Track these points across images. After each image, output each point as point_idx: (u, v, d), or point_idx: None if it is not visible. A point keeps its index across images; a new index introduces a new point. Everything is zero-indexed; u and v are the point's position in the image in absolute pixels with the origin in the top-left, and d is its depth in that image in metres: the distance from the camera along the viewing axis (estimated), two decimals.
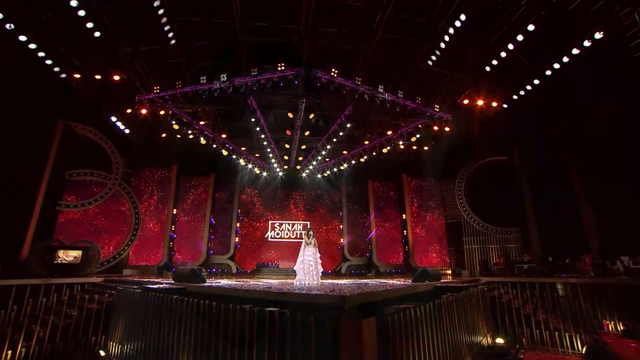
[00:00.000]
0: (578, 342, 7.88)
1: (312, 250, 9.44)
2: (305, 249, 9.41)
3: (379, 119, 18.08)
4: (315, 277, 9.19)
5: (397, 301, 5.78)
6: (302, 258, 9.31)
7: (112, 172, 15.05)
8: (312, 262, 9.23)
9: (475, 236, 16.64)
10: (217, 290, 6.83)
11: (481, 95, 15.59)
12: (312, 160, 19.07)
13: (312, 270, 9.18)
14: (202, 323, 5.24)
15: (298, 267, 9.29)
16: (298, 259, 9.40)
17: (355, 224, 20.75)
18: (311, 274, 9.12)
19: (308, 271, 9.16)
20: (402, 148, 19.69)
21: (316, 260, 9.33)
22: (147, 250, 17.58)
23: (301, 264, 9.27)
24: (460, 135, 17.86)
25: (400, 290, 6.32)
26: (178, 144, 19.02)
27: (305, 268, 9.19)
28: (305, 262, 9.22)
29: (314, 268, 9.21)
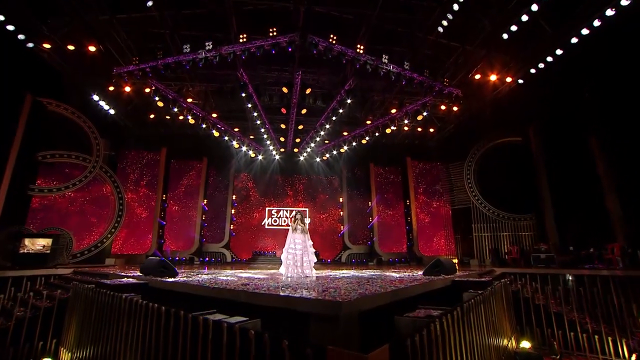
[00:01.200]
0: (624, 347, 6.49)
1: (300, 238, 8.01)
2: (294, 237, 7.98)
3: (381, 97, 16.50)
4: (305, 270, 7.81)
5: (411, 303, 4.37)
6: (288, 246, 7.89)
7: (93, 154, 13.58)
8: (298, 251, 7.80)
9: (485, 223, 15.20)
10: (182, 288, 5.44)
11: (494, 69, 13.95)
12: (310, 142, 17.58)
13: (299, 261, 7.76)
14: (150, 331, 3.86)
15: (283, 256, 7.90)
16: (285, 246, 8.00)
17: (356, 210, 19.45)
18: (297, 267, 7.71)
19: (295, 262, 7.77)
20: (406, 130, 18.29)
21: (306, 250, 7.90)
22: (135, 238, 16.29)
23: (286, 253, 7.87)
24: (469, 114, 16.33)
25: (414, 289, 4.89)
26: (167, 125, 17.61)
27: (291, 259, 7.79)
28: (291, 251, 7.81)
29: (303, 259, 7.79)
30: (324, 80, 15.57)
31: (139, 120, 17.11)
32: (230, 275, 8.02)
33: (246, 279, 6.33)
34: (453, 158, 16.99)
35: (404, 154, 19.09)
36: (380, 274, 8.56)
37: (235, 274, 8.12)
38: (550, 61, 12.14)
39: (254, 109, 14.68)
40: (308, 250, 8.03)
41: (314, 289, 4.76)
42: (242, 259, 18.38)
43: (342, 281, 6.17)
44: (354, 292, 4.25)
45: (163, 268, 6.80)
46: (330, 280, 6.37)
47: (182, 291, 5.41)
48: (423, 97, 14.91)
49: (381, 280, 6.36)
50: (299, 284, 5.75)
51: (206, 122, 15.64)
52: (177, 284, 5.61)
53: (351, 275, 8.24)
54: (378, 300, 4.00)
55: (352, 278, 7.12)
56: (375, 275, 8.08)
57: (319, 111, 16.45)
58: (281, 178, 20.09)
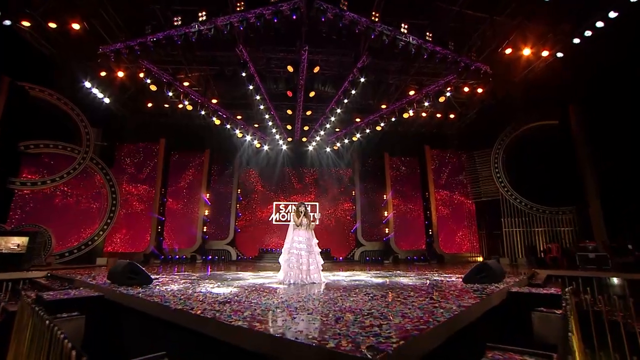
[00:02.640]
0: None
1: (303, 235, 6.36)
2: (294, 233, 6.36)
3: (397, 80, 14.74)
4: (312, 274, 6.20)
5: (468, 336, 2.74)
6: (289, 245, 6.30)
7: (82, 144, 12.23)
8: (303, 251, 6.21)
9: (516, 217, 13.36)
10: (139, 305, 3.90)
11: (528, 42, 12.03)
12: (320, 130, 15.94)
13: (304, 264, 6.16)
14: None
15: (283, 259, 6.31)
16: (284, 246, 6.37)
17: (370, 204, 17.85)
18: (302, 271, 6.12)
19: (299, 266, 6.15)
20: (424, 116, 16.52)
21: (311, 250, 6.32)
22: (132, 235, 15.00)
23: (287, 254, 6.26)
24: (496, 96, 14.42)
25: (470, 313, 3.23)
26: (167, 115, 16.23)
27: (295, 261, 6.17)
28: (293, 251, 6.21)
29: (308, 260, 6.22)
30: (333, 60, 13.90)
31: (137, 110, 15.78)
32: (220, 282, 6.47)
33: (230, 294, 4.75)
34: (477, 146, 15.16)
35: (422, 143, 17.32)
36: (406, 280, 6.89)
37: (228, 278, 6.60)
38: (601, 27, 10.20)
39: (256, 91, 13.11)
40: (314, 249, 6.41)
41: (321, 314, 3.15)
42: (248, 257, 17.13)
43: (361, 295, 4.54)
44: (385, 325, 2.62)
45: (132, 274, 5.29)
46: (344, 293, 4.75)
47: (142, 310, 3.87)
48: (445, 77, 13.06)
49: (415, 292, 4.70)
50: (301, 299, 4.15)
51: (206, 108, 14.15)
52: (135, 298, 4.08)
53: (370, 281, 6.59)
54: (428, 340, 2.37)
55: (373, 287, 5.49)
56: (401, 282, 6.41)
57: (329, 98, 14.85)
58: (289, 170, 18.59)
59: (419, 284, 5.91)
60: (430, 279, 6.90)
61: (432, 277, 7.28)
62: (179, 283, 5.96)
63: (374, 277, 7.44)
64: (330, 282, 6.42)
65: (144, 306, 3.79)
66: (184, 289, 5.04)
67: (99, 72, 12.63)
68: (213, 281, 6.49)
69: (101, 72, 12.53)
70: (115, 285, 5.13)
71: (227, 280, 6.75)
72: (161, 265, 12.59)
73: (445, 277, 7.27)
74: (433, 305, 3.55)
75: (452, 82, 12.89)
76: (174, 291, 4.69)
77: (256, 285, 5.87)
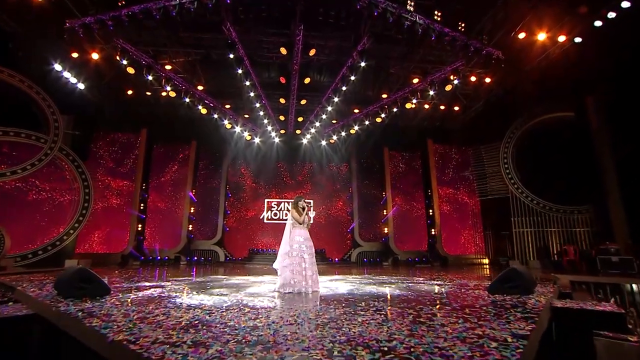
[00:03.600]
0: None
1: (304, 234, 5.45)
2: (294, 232, 5.44)
3: (399, 68, 13.83)
4: (313, 281, 5.28)
5: None
6: (288, 248, 5.37)
7: (50, 132, 11.12)
8: (305, 254, 5.33)
9: (526, 216, 12.57)
10: (76, 330, 2.92)
11: (543, 26, 11.18)
12: (315, 121, 15.01)
13: (309, 269, 5.25)
14: None
15: (282, 264, 5.35)
16: (281, 248, 5.46)
17: (368, 202, 17.08)
18: (306, 277, 5.21)
19: (302, 272, 5.22)
20: (427, 108, 15.61)
21: (312, 252, 5.44)
22: (110, 234, 13.92)
23: (287, 257, 5.33)
24: (506, 86, 13.60)
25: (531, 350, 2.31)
26: (149, 104, 15.12)
27: (297, 266, 5.24)
28: (294, 253, 5.29)
29: (312, 264, 5.32)
30: (331, 46, 12.92)
31: (115, 98, 14.63)
32: (198, 289, 5.49)
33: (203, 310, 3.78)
34: (485, 140, 14.32)
35: (424, 137, 16.53)
36: (417, 287, 5.97)
37: (208, 285, 5.61)
38: (627, 7, 9.38)
39: (245, 76, 12.12)
40: (313, 252, 5.48)
41: (322, 351, 2.21)
42: (237, 258, 16.25)
43: (370, 312, 3.61)
44: None
45: (82, 282, 4.29)
46: (348, 309, 3.82)
47: (78, 339, 2.88)
48: (452, 63, 12.17)
49: (437, 308, 3.79)
50: (294, 320, 3.21)
51: (191, 95, 13.12)
52: (70, 320, 3.09)
53: (376, 291, 5.66)
54: None
55: (382, 299, 4.56)
56: (412, 291, 5.49)
57: (324, 88, 13.93)
58: (282, 165, 17.71)
59: (436, 295, 5.00)
60: (445, 287, 6.02)
61: (446, 285, 6.39)
62: (145, 292, 4.98)
63: (377, 284, 6.52)
64: (329, 292, 5.48)
65: (79, 333, 2.81)
66: (147, 303, 4.06)
67: (70, 52, 11.50)
68: (190, 289, 5.52)
69: (72, 53, 11.41)
70: (60, 297, 4.13)
71: (207, 288, 5.79)
72: (140, 268, 11.61)
73: (460, 284, 6.38)
74: (474, 332, 2.63)
75: (460, 69, 11.99)
76: (129, 308, 3.70)
77: (240, 295, 4.91)
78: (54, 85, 11.99)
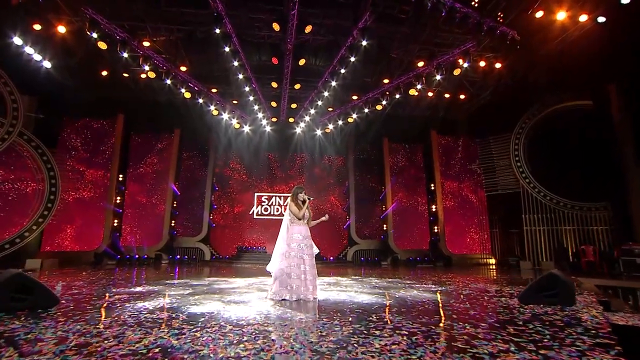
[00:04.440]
0: None
1: (303, 232, 4.79)
2: (292, 229, 4.77)
3: (402, 51, 13.10)
4: (311, 287, 4.61)
5: None
6: (286, 247, 4.69)
7: (7, 115, 10.14)
8: (305, 254, 4.69)
9: (539, 213, 12.02)
10: None
11: (563, 4, 10.52)
12: (310, 108, 14.29)
13: (309, 272, 4.62)
14: None
15: (278, 266, 4.66)
16: (276, 248, 4.81)
17: (366, 196, 16.48)
18: (305, 280, 4.56)
19: (302, 276, 4.58)
20: (430, 97, 14.95)
21: (312, 252, 4.79)
22: (82, 230, 13.03)
23: (284, 259, 4.64)
24: (517, 73, 12.95)
25: None
26: (127, 87, 14.12)
27: (294, 267, 4.60)
28: (292, 253, 4.64)
29: (310, 266, 4.68)
30: (328, 25, 12.11)
31: (88, 79, 13.61)
32: (173, 296, 4.72)
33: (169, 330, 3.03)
34: (493, 131, 13.70)
35: (428, 127, 15.87)
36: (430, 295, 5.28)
37: (186, 292, 4.80)
38: None
39: (233, 56, 11.27)
40: (312, 252, 4.83)
41: None
42: (224, 256, 15.54)
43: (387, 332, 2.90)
44: None
45: (19, 293, 3.48)
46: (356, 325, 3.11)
47: None
48: (462, 44, 11.48)
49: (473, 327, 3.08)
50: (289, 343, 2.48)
51: (173, 77, 12.22)
52: None
53: (382, 299, 4.97)
54: None
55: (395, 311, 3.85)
56: (428, 300, 4.79)
57: (321, 72, 13.16)
58: (273, 156, 16.95)
59: (458, 304, 4.31)
60: (463, 292, 5.35)
61: (463, 290, 5.72)
62: (107, 301, 4.20)
63: (382, 288, 5.83)
64: (328, 299, 4.77)
65: None
66: (101, 318, 3.28)
67: (31, 24, 10.48)
68: (164, 295, 4.75)
69: (34, 25, 10.39)
70: None
71: (186, 294, 5.03)
72: (117, 268, 10.87)
73: (478, 289, 5.71)
74: None
75: (470, 52, 11.30)
76: (71, 328, 2.91)
77: (224, 304, 4.17)
78: (14, 62, 10.94)
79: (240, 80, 12.75)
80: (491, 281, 7.56)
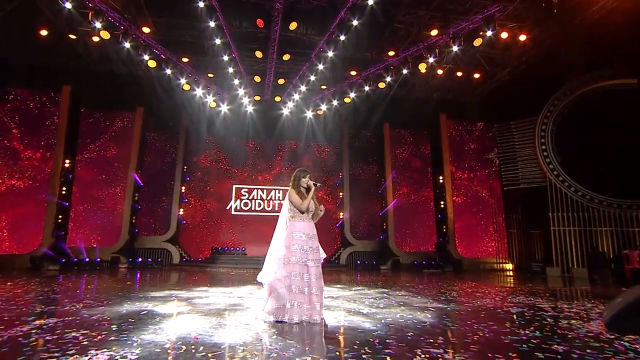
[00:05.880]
0: None
1: (308, 230, 3.83)
2: (293, 226, 3.81)
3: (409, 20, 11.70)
4: (318, 305, 3.66)
5: None
6: (284, 251, 3.72)
7: None
8: (309, 260, 3.71)
9: (569, 211, 10.97)
10: None
11: None
12: (300, 84, 12.88)
13: (312, 284, 3.65)
14: None
15: (274, 275, 3.68)
16: (271, 252, 3.84)
17: (363, 190, 15.73)
18: (309, 294, 3.63)
19: (305, 289, 3.63)
20: (440, 75, 13.65)
21: (318, 257, 3.82)
22: (16, 228, 11.29)
23: (282, 266, 3.68)
24: (548, 44, 11.81)
25: None
26: (74, 51, 12.26)
27: (296, 278, 3.65)
28: (293, 259, 3.69)
29: (317, 276, 3.72)
30: None
31: (22, 40, 11.67)
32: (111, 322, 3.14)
33: None
34: (513, 115, 12.63)
35: (436, 111, 14.82)
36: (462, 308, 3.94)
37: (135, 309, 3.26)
38: None
39: (209, 14, 9.62)
40: (320, 257, 3.87)
41: None
42: (197, 259, 14.53)
43: None
44: None
45: None
46: None
47: None
48: (486, 8, 10.12)
49: None
50: None
51: (132, 40, 10.47)
52: None
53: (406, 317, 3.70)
54: None
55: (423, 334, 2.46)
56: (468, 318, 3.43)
57: (314, 43, 11.76)
58: (255, 141, 15.93)
59: (519, 330, 2.97)
60: (506, 308, 4.17)
61: (506, 305, 4.46)
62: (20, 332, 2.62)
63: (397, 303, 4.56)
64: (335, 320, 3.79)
65: None
66: None
67: None
68: (110, 314, 3.21)
69: None
70: None
71: (141, 316, 3.55)
72: (60, 274, 9.36)
73: (523, 303, 4.48)
74: None
75: (496, 17, 9.95)
76: None
77: (195, 333, 2.75)
78: None
79: (217, 47, 11.29)
80: (527, 291, 6.68)
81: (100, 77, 12.58)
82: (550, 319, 3.96)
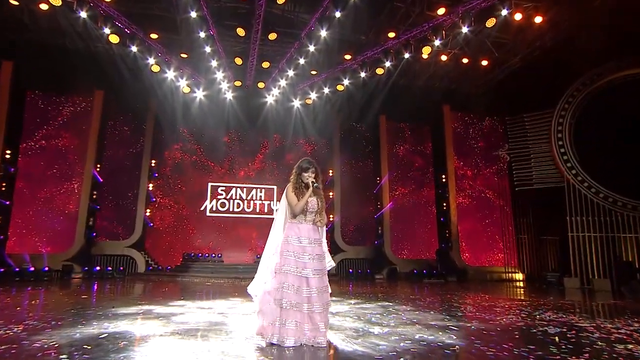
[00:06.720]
0: None
1: (312, 234, 3.41)
2: (292, 230, 3.46)
3: None
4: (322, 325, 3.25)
5: None
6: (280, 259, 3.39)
7: None
8: (311, 271, 3.28)
9: (589, 215, 10.74)
10: None
11: None
12: (287, 68, 12.54)
13: (313, 300, 3.23)
14: None
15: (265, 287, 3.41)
16: (264, 259, 3.55)
17: (356, 190, 15.67)
18: (309, 312, 3.22)
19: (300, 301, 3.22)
20: (444, 61, 13.35)
21: (323, 267, 3.44)
22: None
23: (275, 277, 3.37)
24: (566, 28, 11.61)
25: None
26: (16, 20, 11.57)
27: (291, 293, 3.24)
28: (291, 268, 3.29)
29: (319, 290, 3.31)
30: None
31: None
32: None
33: None
34: (525, 107, 12.49)
35: (438, 102, 14.74)
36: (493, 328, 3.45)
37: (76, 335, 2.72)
38: None
39: None
40: (325, 267, 3.53)
41: None
42: (166, 267, 14.27)
43: None
44: None
45: None
46: None
47: None
48: None
49: None
50: None
51: (90, 9, 9.62)
52: None
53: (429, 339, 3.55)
54: None
55: None
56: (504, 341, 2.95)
57: (303, 23, 11.43)
58: (234, 133, 15.70)
59: None
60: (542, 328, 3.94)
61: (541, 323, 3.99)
62: None
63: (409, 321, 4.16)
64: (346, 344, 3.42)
65: None
66: None
67: None
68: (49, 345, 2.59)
69: None
70: None
71: (93, 338, 3.20)
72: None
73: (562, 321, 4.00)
74: None
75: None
76: None
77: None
78: None
79: (192, 22, 10.68)
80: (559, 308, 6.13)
81: (50, 53, 11.90)
82: (602, 343, 3.62)
